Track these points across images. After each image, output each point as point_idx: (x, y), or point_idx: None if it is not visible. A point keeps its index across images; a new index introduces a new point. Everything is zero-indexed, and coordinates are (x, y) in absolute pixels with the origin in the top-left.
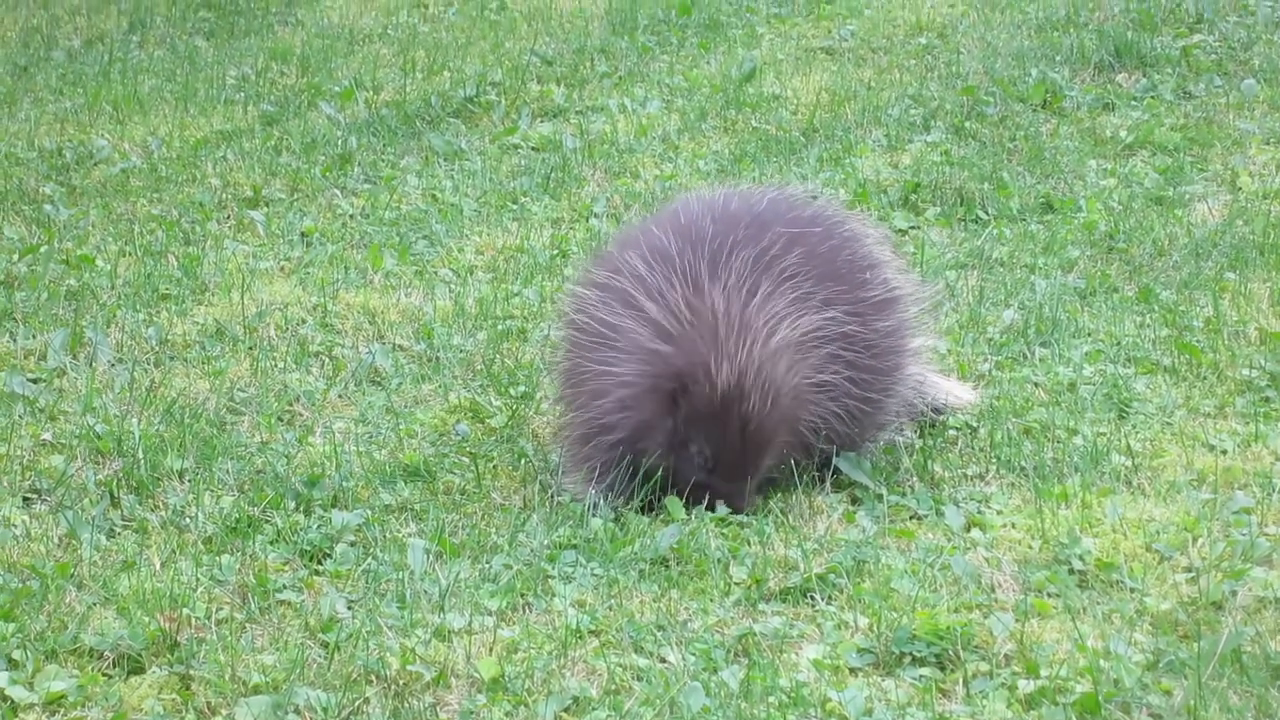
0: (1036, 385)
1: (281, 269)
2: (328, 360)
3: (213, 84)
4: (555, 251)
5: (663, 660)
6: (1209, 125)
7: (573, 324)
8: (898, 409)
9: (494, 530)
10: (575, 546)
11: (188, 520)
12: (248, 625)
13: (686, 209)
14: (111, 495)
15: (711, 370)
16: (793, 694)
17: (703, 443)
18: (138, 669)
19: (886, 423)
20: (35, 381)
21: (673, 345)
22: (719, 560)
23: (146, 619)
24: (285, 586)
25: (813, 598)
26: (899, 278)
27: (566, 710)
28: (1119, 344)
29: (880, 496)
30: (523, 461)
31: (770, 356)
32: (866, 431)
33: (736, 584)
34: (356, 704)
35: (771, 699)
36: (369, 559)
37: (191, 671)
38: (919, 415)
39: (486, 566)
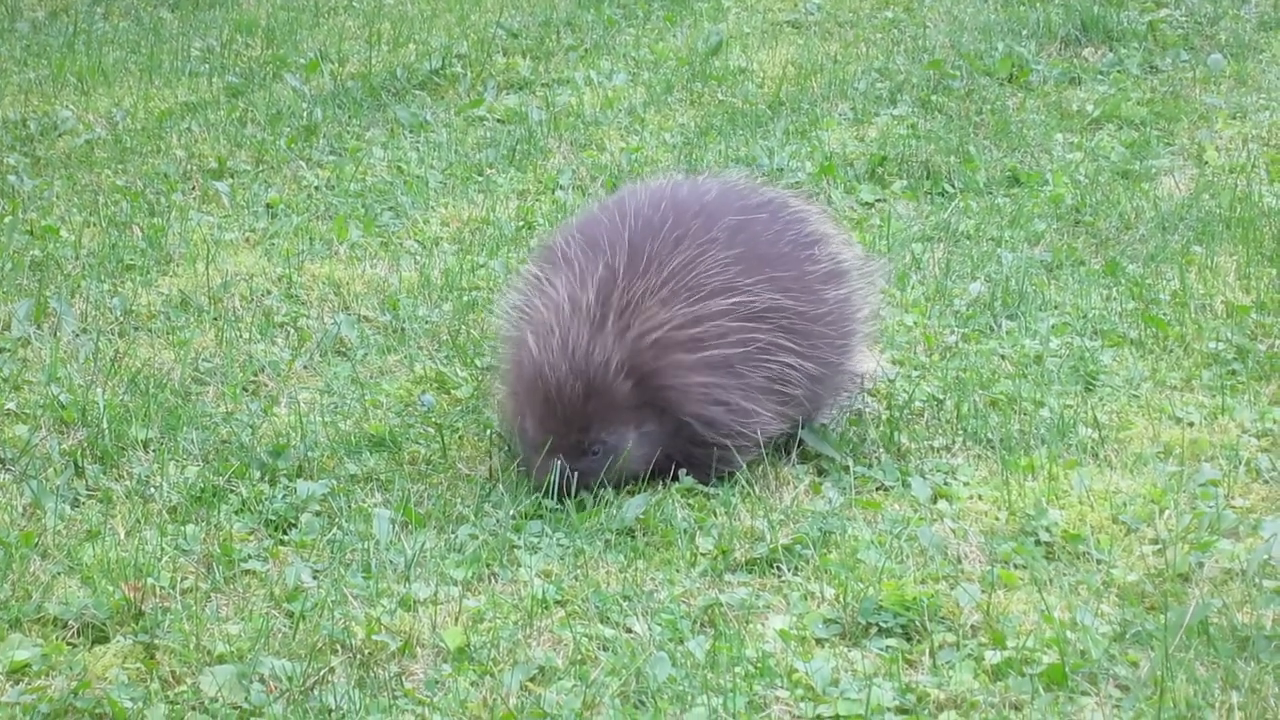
0: (1003, 358)
1: (246, 240)
2: (293, 331)
3: (177, 56)
4: (521, 223)
5: (629, 630)
6: (1175, 99)
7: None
8: (852, 374)
9: (460, 500)
10: (541, 517)
11: (152, 490)
12: (213, 595)
13: (631, 198)
14: (76, 465)
15: (529, 346)
16: (759, 664)
17: (527, 416)
18: (102, 638)
19: (844, 385)
20: None
21: (528, 336)
22: (685, 531)
23: (111, 588)
24: (250, 556)
25: (779, 568)
26: (846, 250)
27: (532, 680)
28: (1085, 317)
29: (846, 468)
30: (488, 432)
31: (602, 343)
32: (830, 392)
33: (703, 555)
34: (321, 673)
35: (738, 669)
36: (334, 529)
37: (156, 641)
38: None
39: (452, 536)
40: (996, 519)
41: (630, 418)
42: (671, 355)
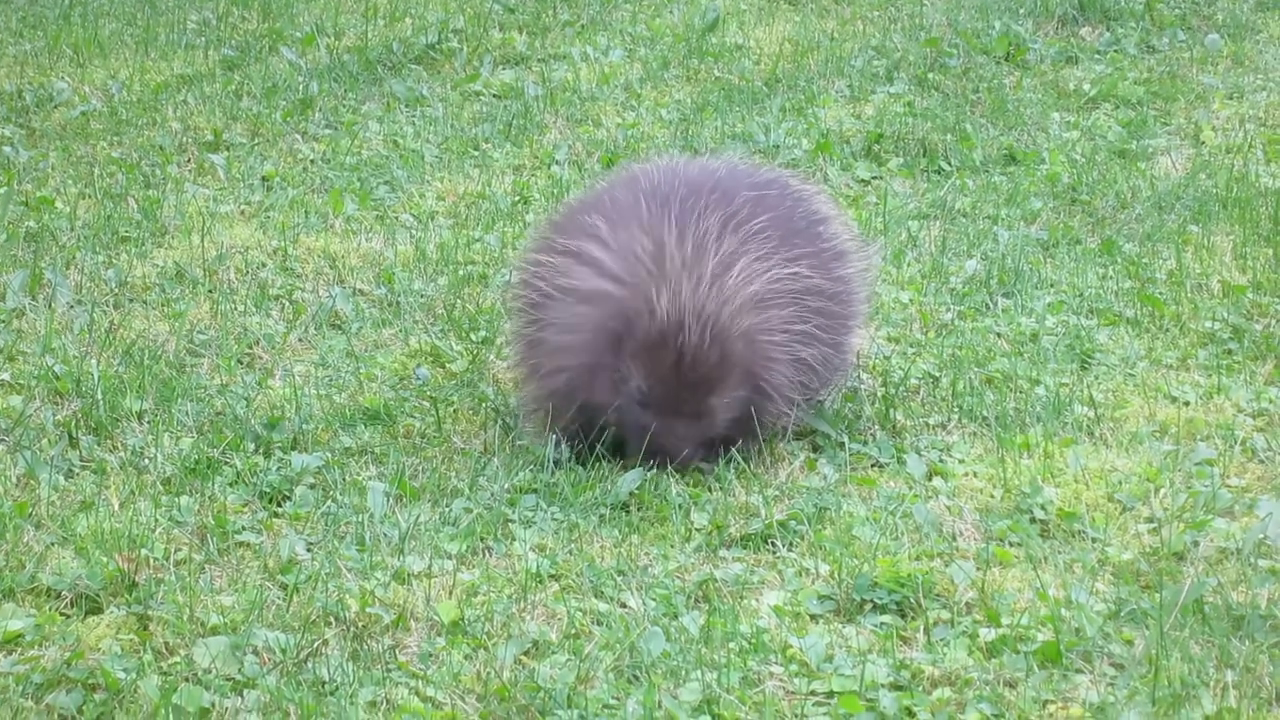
0: (999, 335)
1: (242, 213)
2: (288, 304)
3: (173, 28)
4: (517, 198)
5: (623, 605)
6: (1172, 79)
7: (530, 289)
8: (853, 353)
9: (454, 474)
10: (536, 491)
11: (146, 461)
12: (206, 566)
13: (646, 174)
14: (70, 435)
15: (654, 301)
16: (753, 640)
17: (641, 376)
18: (96, 609)
19: (847, 366)
20: None
21: (623, 288)
22: (680, 506)
23: (105, 559)
24: (244, 528)
25: (774, 544)
26: (847, 231)
27: (526, 654)
28: (1081, 295)
29: (842, 445)
30: (483, 406)
31: (719, 298)
32: (834, 376)
33: (697, 530)
34: (315, 645)
35: (732, 645)
36: (329, 501)
37: (150, 612)
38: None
39: (446, 510)
40: (992, 496)
41: (736, 381)
42: (763, 313)
